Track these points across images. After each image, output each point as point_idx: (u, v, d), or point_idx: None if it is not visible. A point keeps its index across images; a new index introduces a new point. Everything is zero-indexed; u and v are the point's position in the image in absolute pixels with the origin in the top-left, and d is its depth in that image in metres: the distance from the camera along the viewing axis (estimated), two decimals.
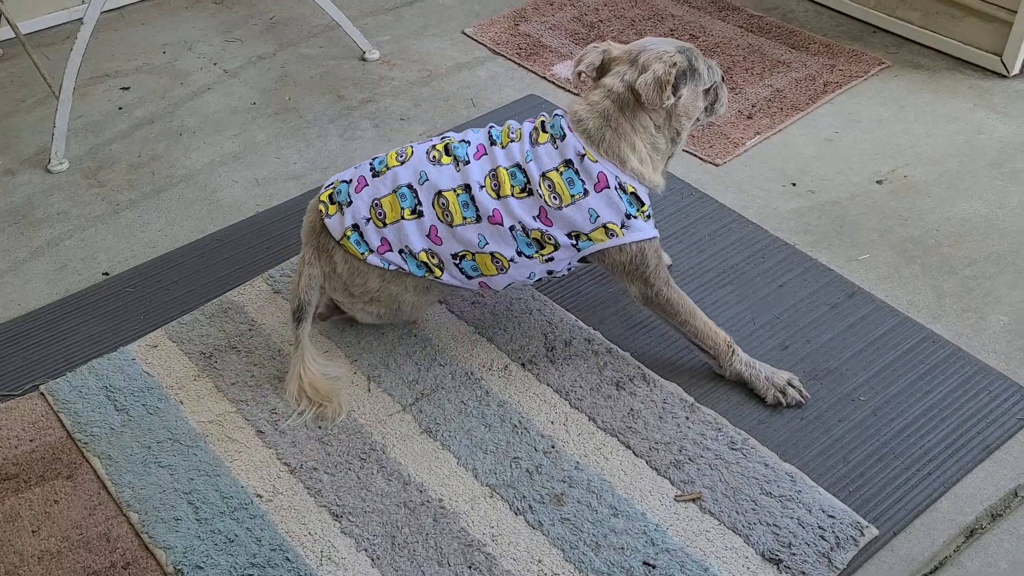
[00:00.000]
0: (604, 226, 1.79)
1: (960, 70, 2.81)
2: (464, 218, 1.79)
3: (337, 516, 1.70)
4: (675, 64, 1.74)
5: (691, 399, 1.88)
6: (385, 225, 1.82)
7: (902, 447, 1.77)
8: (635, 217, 1.80)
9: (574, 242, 1.81)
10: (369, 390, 1.88)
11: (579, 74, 1.87)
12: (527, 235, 1.80)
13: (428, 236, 1.81)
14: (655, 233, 1.84)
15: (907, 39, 2.95)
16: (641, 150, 1.81)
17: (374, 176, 1.85)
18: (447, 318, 2.09)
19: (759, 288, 2.13)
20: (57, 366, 2.01)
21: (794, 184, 2.44)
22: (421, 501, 1.72)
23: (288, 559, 1.64)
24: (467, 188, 1.79)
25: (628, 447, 1.79)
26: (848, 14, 3.09)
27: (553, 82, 2.86)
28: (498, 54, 3.03)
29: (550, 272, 1.88)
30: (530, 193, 1.78)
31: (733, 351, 1.87)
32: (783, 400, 1.84)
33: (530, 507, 1.70)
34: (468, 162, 1.81)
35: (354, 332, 2.05)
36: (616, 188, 1.78)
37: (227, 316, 2.10)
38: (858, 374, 1.92)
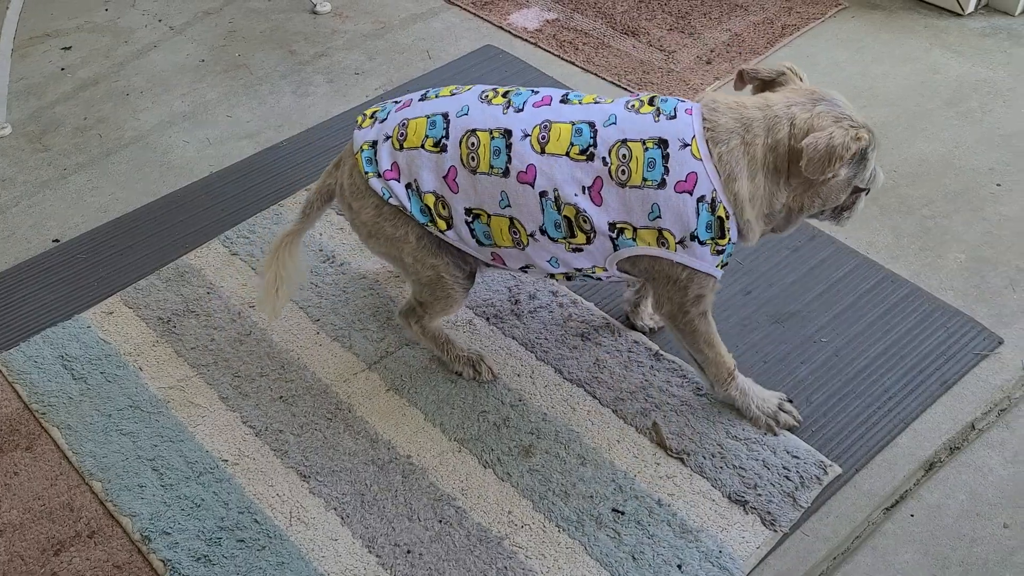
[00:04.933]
0: (660, 230, 1.49)
1: (916, 9, 2.81)
2: (491, 167, 1.52)
3: (305, 476, 1.69)
4: (859, 139, 1.44)
5: (656, 347, 1.88)
6: (401, 148, 1.57)
7: (863, 386, 1.80)
8: (702, 243, 1.49)
9: (614, 236, 1.51)
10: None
11: (743, 73, 1.57)
12: (558, 209, 1.51)
13: (445, 178, 1.55)
14: (715, 272, 1.54)
15: None
16: (760, 186, 1.50)
17: (420, 100, 1.62)
18: None
19: None
20: (10, 336, 1.96)
21: None
22: (389, 458, 1.72)
23: (257, 521, 1.63)
24: (506, 134, 1.52)
25: (595, 397, 1.80)
26: None
27: (510, 31, 2.81)
28: (453, 4, 2.96)
29: (578, 269, 1.61)
30: (591, 159, 1.49)
31: (732, 379, 1.69)
32: (775, 428, 1.69)
33: (499, 460, 1.71)
34: (521, 110, 1.54)
35: (316, 293, 2.02)
36: (701, 202, 1.47)
37: (184, 280, 2.06)
38: (819, 316, 1.93)
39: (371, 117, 1.65)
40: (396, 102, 1.66)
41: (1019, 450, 1.70)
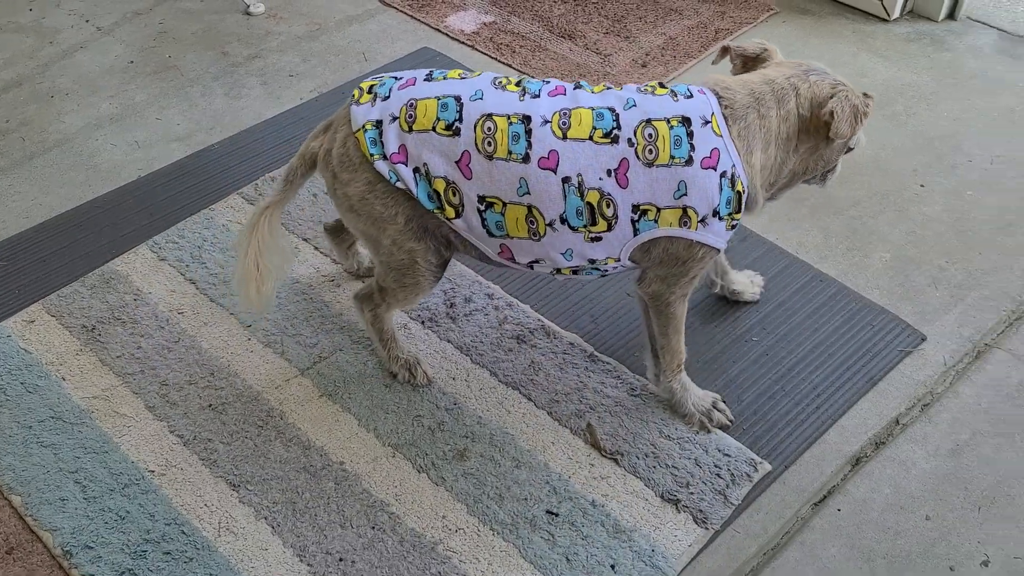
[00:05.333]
0: (684, 208, 1.50)
1: (844, 15, 2.87)
2: (509, 152, 1.48)
3: (235, 486, 1.66)
4: (869, 95, 1.55)
5: (591, 348, 1.89)
6: (411, 131, 1.51)
7: (792, 384, 1.83)
8: (720, 219, 1.53)
9: (635, 218, 1.52)
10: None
11: (727, 49, 1.65)
12: (582, 195, 1.49)
13: (457, 163, 1.50)
14: (724, 246, 1.59)
15: None
16: (771, 156, 1.56)
17: (426, 80, 1.57)
18: (344, 278, 2.04)
19: None
20: None
21: None
22: (322, 465, 1.69)
23: (184, 533, 1.59)
24: (526, 119, 1.49)
25: (530, 399, 1.80)
26: None
27: (447, 34, 2.80)
28: (389, 6, 2.94)
29: (591, 261, 1.58)
30: (615, 141, 1.49)
31: (679, 371, 1.74)
32: (709, 426, 1.73)
33: (433, 464, 1.69)
34: (538, 96, 1.53)
35: None
36: (724, 177, 1.50)
37: (110, 287, 2.01)
38: (750, 315, 1.96)
39: (369, 92, 1.57)
40: (396, 78, 1.59)
41: (941, 444, 1.75)
